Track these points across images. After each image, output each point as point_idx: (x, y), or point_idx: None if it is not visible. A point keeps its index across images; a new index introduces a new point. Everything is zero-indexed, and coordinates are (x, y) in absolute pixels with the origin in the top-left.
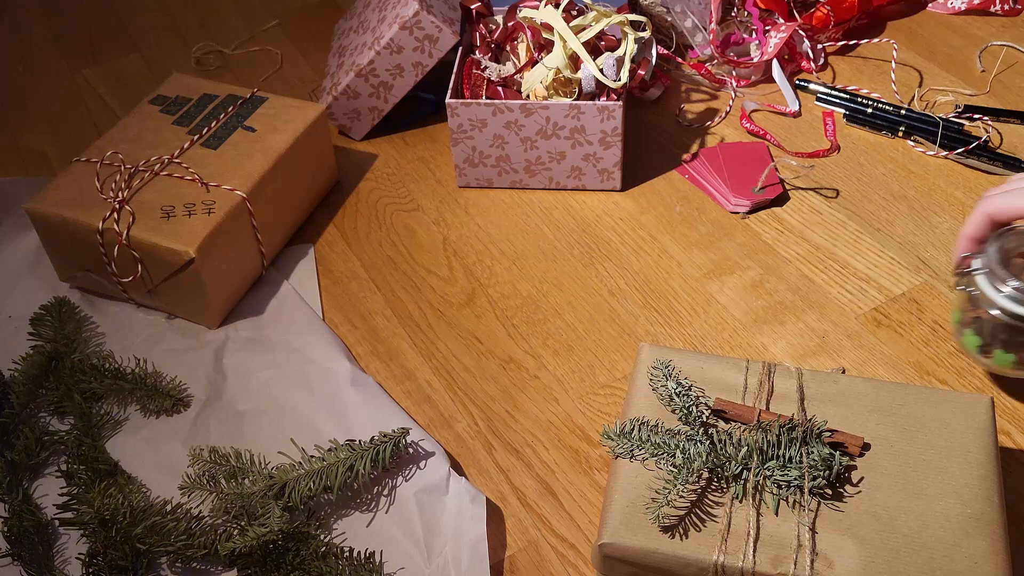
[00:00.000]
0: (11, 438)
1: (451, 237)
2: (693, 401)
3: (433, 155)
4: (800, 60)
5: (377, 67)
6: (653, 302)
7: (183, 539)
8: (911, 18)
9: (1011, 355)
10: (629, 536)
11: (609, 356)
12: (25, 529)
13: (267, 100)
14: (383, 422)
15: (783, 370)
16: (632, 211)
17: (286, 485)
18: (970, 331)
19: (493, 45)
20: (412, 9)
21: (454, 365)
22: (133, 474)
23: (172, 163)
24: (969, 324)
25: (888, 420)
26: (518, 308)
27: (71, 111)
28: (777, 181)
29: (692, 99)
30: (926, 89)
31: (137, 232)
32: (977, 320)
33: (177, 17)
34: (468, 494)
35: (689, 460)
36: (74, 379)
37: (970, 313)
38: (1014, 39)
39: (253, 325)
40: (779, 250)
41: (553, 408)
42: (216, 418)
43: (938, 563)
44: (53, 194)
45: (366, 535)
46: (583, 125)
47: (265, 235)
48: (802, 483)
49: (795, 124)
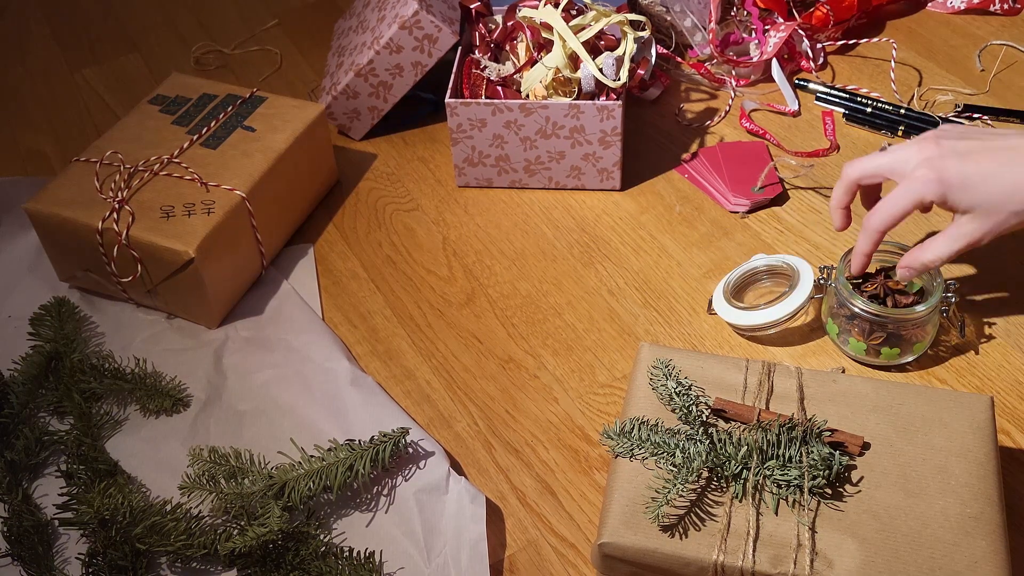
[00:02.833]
0: (11, 438)
1: (451, 237)
2: (693, 400)
3: (433, 155)
4: (800, 59)
5: (377, 67)
6: (653, 302)
7: (183, 539)
8: (911, 17)
9: (862, 343)
10: (629, 536)
11: (609, 356)
12: (25, 529)
13: (267, 100)
14: (383, 422)
15: (783, 369)
16: (632, 211)
17: (286, 485)
18: (832, 322)
19: (492, 45)
20: (411, 9)
21: (454, 365)
22: (133, 474)
23: (172, 163)
24: (833, 315)
25: (888, 420)
26: (518, 308)
27: (71, 111)
28: (777, 180)
29: (692, 99)
30: (925, 88)
31: (137, 232)
32: (840, 311)
33: (177, 17)
34: (468, 494)
35: (689, 459)
36: (74, 379)
37: (834, 305)
38: (1014, 38)
39: (253, 325)
40: (779, 249)
41: (553, 408)
42: (216, 418)
43: (938, 563)
44: (53, 194)
45: (366, 535)
46: (582, 125)
47: (265, 235)
48: (802, 483)
49: (794, 123)
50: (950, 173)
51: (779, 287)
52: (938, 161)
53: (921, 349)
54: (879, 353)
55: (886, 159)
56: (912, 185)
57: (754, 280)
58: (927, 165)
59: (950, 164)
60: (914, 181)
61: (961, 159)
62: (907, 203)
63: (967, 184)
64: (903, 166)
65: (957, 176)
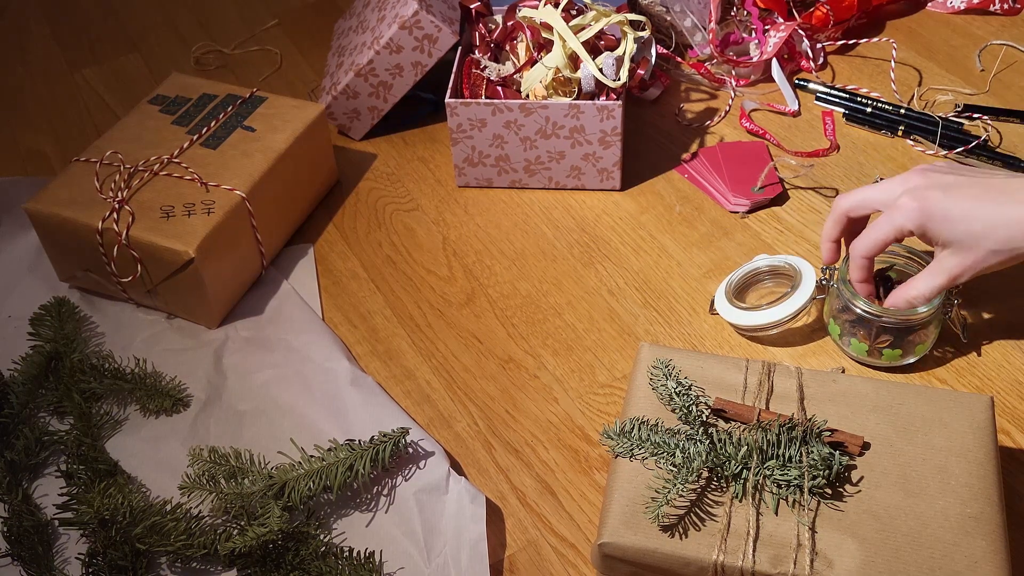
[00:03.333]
0: (11, 438)
1: (451, 237)
2: (693, 400)
3: (433, 155)
4: (799, 59)
5: (376, 67)
6: (653, 301)
7: (183, 539)
8: (911, 17)
9: (864, 345)
10: (629, 536)
11: (609, 355)
12: (25, 529)
13: (267, 100)
14: (383, 422)
15: (783, 369)
16: (632, 210)
17: (286, 485)
18: (833, 322)
19: (492, 45)
20: (411, 9)
21: (454, 365)
22: (133, 474)
23: (171, 163)
24: (835, 316)
25: (888, 419)
26: (518, 308)
27: (71, 111)
28: (776, 180)
29: (691, 98)
30: (925, 88)
31: (137, 232)
32: (842, 312)
33: (177, 17)
34: (468, 494)
35: (689, 459)
36: (74, 379)
37: (836, 307)
38: (1014, 38)
39: (253, 325)
40: (779, 249)
41: (553, 408)
42: (216, 418)
43: (938, 563)
44: (53, 194)
45: (366, 535)
46: (582, 125)
47: (265, 235)
48: (802, 482)
49: (794, 123)
50: (932, 204)
51: (781, 287)
52: (922, 191)
53: (923, 351)
54: (881, 354)
55: (874, 191)
56: (894, 214)
57: (756, 280)
58: (910, 194)
59: (933, 195)
60: (896, 210)
61: (944, 192)
62: (888, 230)
63: (947, 217)
64: (890, 196)
65: (939, 208)
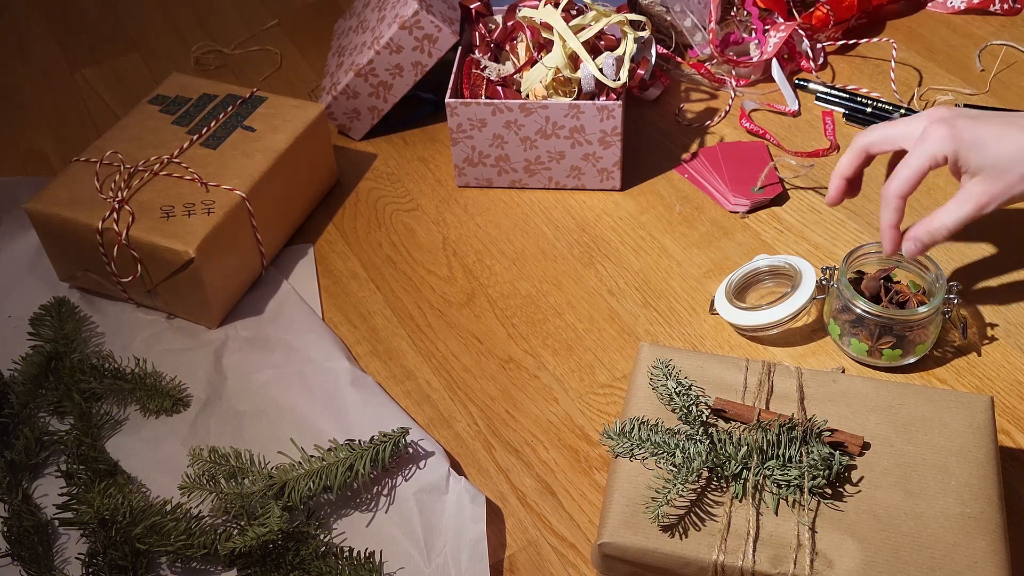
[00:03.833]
0: (11, 438)
1: (451, 237)
2: (693, 400)
3: (433, 155)
4: (800, 59)
5: (376, 67)
6: (653, 301)
7: (183, 539)
8: (911, 17)
9: (864, 345)
10: (629, 536)
11: (609, 356)
12: (25, 529)
13: (267, 100)
14: (383, 422)
15: (783, 369)
16: (632, 210)
17: (286, 485)
18: (833, 323)
19: (492, 45)
20: (411, 9)
21: (454, 365)
22: (133, 474)
23: (172, 163)
24: (835, 316)
25: (888, 419)
26: (518, 308)
27: (71, 111)
28: (776, 180)
29: (692, 98)
30: (926, 88)
31: (137, 232)
32: (842, 312)
33: (177, 17)
34: (468, 494)
35: (689, 459)
36: (74, 379)
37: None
38: (1014, 38)
39: (253, 325)
40: (779, 249)
41: (553, 408)
42: (216, 418)
43: (938, 563)
44: (53, 194)
45: (366, 535)
46: (582, 125)
47: (265, 235)
48: (802, 482)
49: (794, 123)
50: (962, 130)
51: (781, 287)
52: (951, 120)
53: (923, 350)
54: (881, 354)
55: (896, 127)
56: (925, 143)
57: (756, 280)
58: (940, 123)
59: (962, 123)
60: (927, 139)
61: (974, 120)
62: (923, 160)
63: (979, 142)
64: (914, 131)
65: (970, 133)
